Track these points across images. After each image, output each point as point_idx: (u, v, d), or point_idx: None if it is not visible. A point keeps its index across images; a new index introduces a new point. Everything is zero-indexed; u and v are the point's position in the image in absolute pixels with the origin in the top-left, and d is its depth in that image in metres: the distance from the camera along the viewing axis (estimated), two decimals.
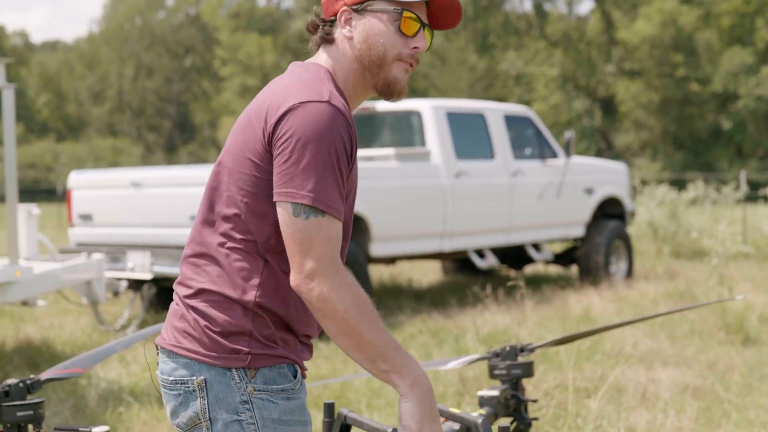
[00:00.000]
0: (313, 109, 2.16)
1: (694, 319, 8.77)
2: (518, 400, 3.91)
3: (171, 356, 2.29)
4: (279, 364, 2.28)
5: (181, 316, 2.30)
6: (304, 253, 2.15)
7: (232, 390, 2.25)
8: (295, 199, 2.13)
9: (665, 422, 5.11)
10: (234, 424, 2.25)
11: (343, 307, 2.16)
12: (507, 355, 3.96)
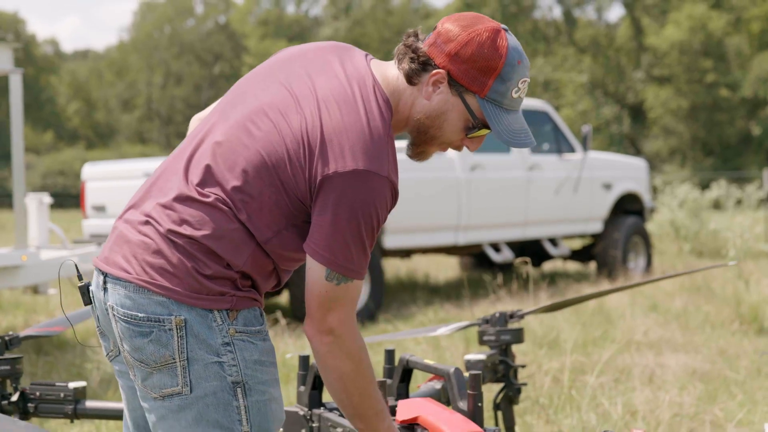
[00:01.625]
0: (371, 184, 2.17)
1: (709, 311, 8.67)
2: (507, 366, 3.89)
3: (141, 292, 2.23)
4: (254, 306, 2.30)
5: (156, 252, 2.23)
6: (327, 311, 2.23)
7: (214, 332, 2.23)
8: (332, 267, 2.20)
9: (665, 398, 5.03)
10: (214, 365, 2.23)
11: (345, 370, 2.26)
12: (496, 322, 3.93)
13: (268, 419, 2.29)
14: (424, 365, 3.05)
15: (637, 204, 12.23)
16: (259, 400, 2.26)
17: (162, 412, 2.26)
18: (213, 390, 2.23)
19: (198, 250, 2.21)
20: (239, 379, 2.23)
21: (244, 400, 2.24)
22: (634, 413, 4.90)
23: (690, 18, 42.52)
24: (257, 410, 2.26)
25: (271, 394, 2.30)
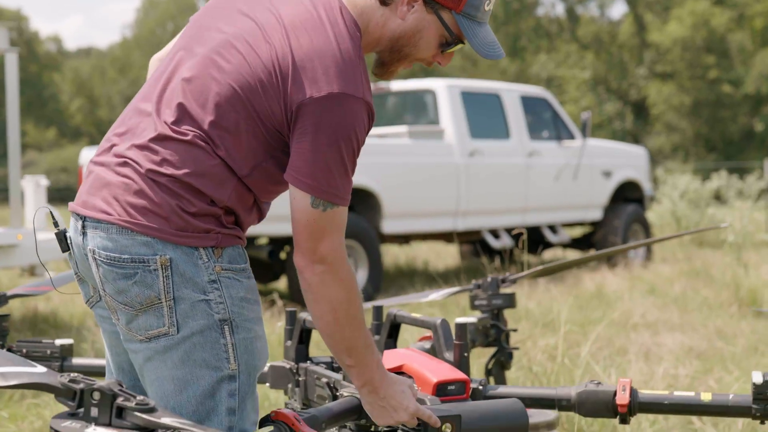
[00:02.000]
0: (348, 106, 2.16)
1: (707, 295, 8.65)
2: (499, 330, 3.87)
3: (124, 233, 2.20)
4: (237, 244, 2.29)
5: (137, 192, 2.19)
6: (317, 240, 2.20)
7: (200, 269, 2.21)
8: (316, 193, 2.17)
9: (659, 370, 5.01)
10: (201, 303, 2.20)
11: (336, 298, 2.23)
12: (488, 287, 3.92)
13: (255, 356, 2.27)
14: (411, 319, 3.03)
15: (637, 192, 12.20)
16: (245, 338, 2.25)
17: (148, 353, 2.23)
18: (200, 328, 2.20)
19: (181, 188, 2.19)
20: (226, 316, 2.21)
21: (231, 337, 2.23)
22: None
23: (693, 14, 42.47)
24: (244, 348, 2.24)
25: (257, 332, 2.29)
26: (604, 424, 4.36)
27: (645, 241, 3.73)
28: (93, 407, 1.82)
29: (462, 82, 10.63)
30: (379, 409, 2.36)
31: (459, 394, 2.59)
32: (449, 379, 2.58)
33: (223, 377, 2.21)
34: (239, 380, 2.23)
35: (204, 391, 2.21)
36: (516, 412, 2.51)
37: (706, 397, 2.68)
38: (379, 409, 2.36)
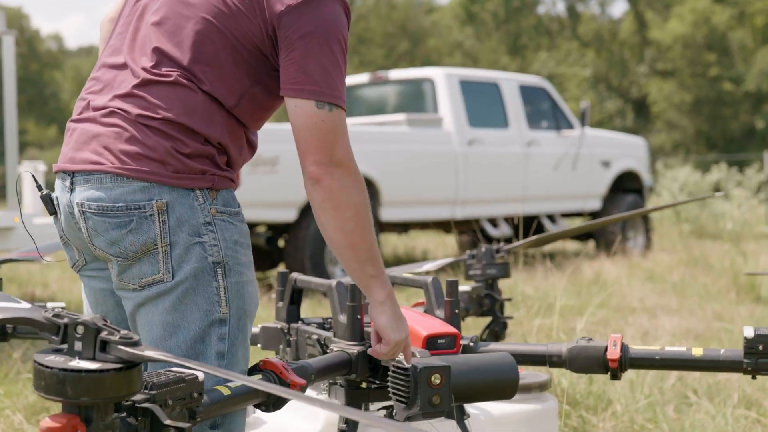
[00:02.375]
0: (326, 7, 2.16)
1: (706, 282, 8.63)
2: (493, 300, 3.86)
3: (118, 181, 2.18)
4: (230, 188, 2.28)
5: (129, 139, 2.18)
6: (331, 143, 2.18)
7: (196, 211, 2.20)
8: (318, 97, 2.16)
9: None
10: (196, 246, 2.19)
11: (358, 201, 2.21)
12: (483, 257, 3.91)
13: (246, 301, 2.26)
14: (402, 279, 3.02)
15: (636, 182, 12.19)
16: (237, 281, 2.24)
17: (138, 300, 2.22)
18: (193, 272, 2.19)
19: (173, 129, 2.18)
20: (220, 259, 2.20)
21: (223, 281, 2.22)
22: None
23: (693, 12, 42.44)
24: (236, 291, 2.24)
25: (248, 276, 2.28)
26: (600, 397, 4.35)
27: (640, 210, 3.72)
28: (77, 341, 1.81)
29: (461, 71, 10.62)
30: (398, 321, 2.34)
31: (449, 348, 2.58)
32: (439, 332, 2.57)
33: (213, 321, 2.20)
34: (230, 324, 2.22)
35: (194, 335, 2.20)
36: (507, 365, 2.50)
37: (698, 352, 2.67)
38: (398, 322, 2.34)
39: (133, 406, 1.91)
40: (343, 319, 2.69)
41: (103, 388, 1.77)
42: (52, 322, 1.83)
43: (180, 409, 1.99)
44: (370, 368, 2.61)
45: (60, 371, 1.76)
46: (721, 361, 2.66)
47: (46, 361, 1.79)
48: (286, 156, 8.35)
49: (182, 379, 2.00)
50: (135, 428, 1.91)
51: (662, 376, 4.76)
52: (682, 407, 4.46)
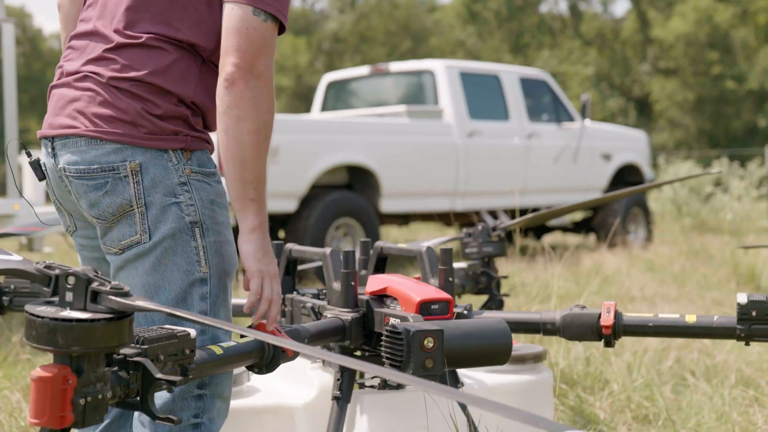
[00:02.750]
0: None
1: (707, 272, 8.63)
2: (489, 277, 3.87)
3: (92, 144, 2.22)
4: (206, 149, 2.30)
5: (102, 102, 2.22)
6: (257, 54, 2.17)
7: (170, 172, 2.22)
8: (257, 4, 2.17)
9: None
10: (172, 206, 2.21)
11: (263, 118, 2.19)
12: (479, 235, 3.92)
13: (225, 260, 2.28)
14: (397, 249, 3.03)
15: (637, 176, 12.18)
16: (216, 241, 2.26)
17: (119, 263, 2.25)
18: (171, 232, 2.21)
19: (145, 90, 2.21)
20: (197, 218, 2.23)
21: (202, 240, 2.24)
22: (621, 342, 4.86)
23: (696, 10, 42.41)
24: (215, 250, 2.25)
25: (227, 236, 2.29)
26: (597, 378, 4.36)
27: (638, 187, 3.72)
28: (68, 292, 1.82)
29: (461, 63, 10.62)
30: (265, 253, 2.27)
31: (443, 314, 2.59)
32: (433, 298, 2.58)
33: (194, 280, 2.22)
34: (210, 283, 2.24)
35: (176, 295, 2.22)
36: (500, 330, 2.50)
37: (691, 318, 2.67)
38: (265, 253, 2.27)
39: (124, 359, 1.92)
40: (336, 287, 2.70)
41: (93, 338, 1.78)
42: (43, 273, 1.84)
43: (172, 365, 2.00)
44: (364, 335, 2.62)
45: (51, 320, 1.76)
46: (714, 327, 2.66)
47: (37, 311, 1.79)
48: (287, 147, 8.36)
49: (174, 335, 2.00)
50: (126, 382, 1.92)
51: (660, 358, 4.76)
52: (680, 388, 4.46)
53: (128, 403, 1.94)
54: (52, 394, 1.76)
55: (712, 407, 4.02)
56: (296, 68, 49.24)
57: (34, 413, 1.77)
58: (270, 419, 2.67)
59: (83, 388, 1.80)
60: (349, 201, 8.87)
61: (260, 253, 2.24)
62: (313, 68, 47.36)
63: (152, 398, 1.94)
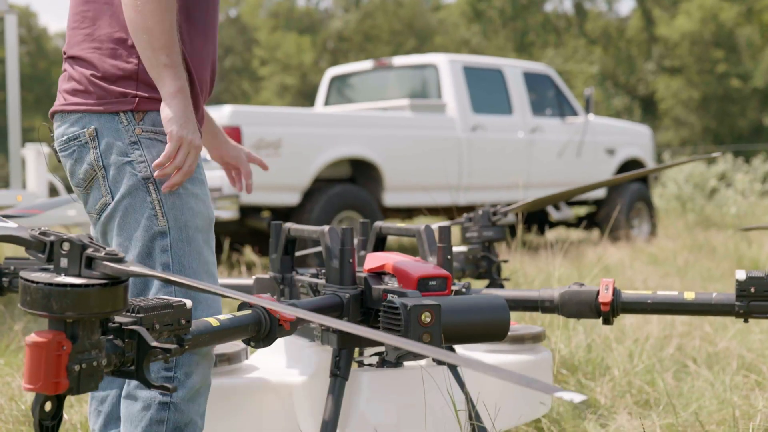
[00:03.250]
0: None
1: (710, 265, 8.61)
2: (490, 261, 3.86)
3: (62, 117, 2.40)
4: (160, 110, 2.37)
5: (68, 78, 2.40)
6: None
7: (121, 134, 2.33)
8: None
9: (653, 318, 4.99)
10: (125, 165, 2.32)
11: None
12: (479, 219, 3.91)
13: (186, 212, 2.34)
14: (396, 229, 3.03)
15: None
16: (173, 193, 2.33)
17: (99, 229, 2.40)
18: (128, 190, 2.32)
19: (92, 53, 2.34)
20: (149, 174, 2.31)
21: (156, 194, 2.32)
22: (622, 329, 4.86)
23: (701, 8, 42.35)
24: (171, 203, 2.32)
25: (189, 190, 2.35)
26: (597, 364, 4.35)
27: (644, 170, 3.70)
28: (63, 258, 1.82)
29: (464, 57, 10.62)
30: (188, 120, 2.29)
31: (441, 290, 2.58)
32: (431, 274, 2.57)
33: (154, 234, 2.30)
34: (170, 236, 2.31)
35: (141, 251, 2.31)
36: (497, 306, 2.50)
37: (689, 296, 2.67)
38: (186, 119, 2.29)
39: (119, 328, 1.92)
40: (335, 264, 2.70)
41: (88, 304, 1.78)
42: (39, 239, 1.84)
43: (168, 335, 2.00)
44: (362, 312, 2.62)
45: (45, 286, 1.77)
46: (713, 304, 2.65)
47: (32, 277, 1.80)
48: (289, 139, 8.36)
49: (170, 304, 2.01)
50: (122, 350, 1.92)
51: (662, 346, 4.75)
52: (681, 375, 4.45)
53: (123, 372, 1.94)
54: (46, 359, 1.77)
55: (714, 393, 4.01)
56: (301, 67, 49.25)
57: (29, 379, 1.77)
58: (268, 397, 2.66)
59: (78, 354, 1.80)
60: (352, 194, 8.87)
61: (182, 118, 2.27)
62: (317, 67, 47.31)
63: (147, 367, 1.94)
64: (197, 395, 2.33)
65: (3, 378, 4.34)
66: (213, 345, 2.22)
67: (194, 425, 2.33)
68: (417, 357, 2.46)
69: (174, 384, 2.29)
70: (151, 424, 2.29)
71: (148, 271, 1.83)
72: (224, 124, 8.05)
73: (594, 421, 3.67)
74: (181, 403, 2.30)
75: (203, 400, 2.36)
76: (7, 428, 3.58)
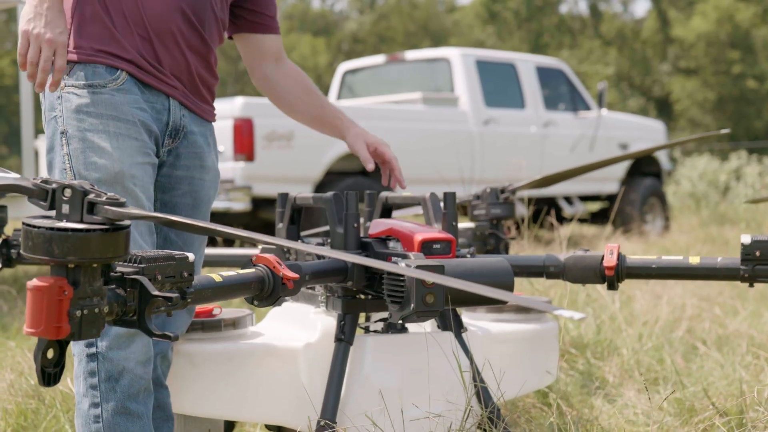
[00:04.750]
0: None
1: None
2: (498, 239, 3.85)
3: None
4: (97, 62, 2.43)
5: None
6: None
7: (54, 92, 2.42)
8: None
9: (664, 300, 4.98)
10: (52, 121, 2.43)
11: None
12: (487, 197, 3.91)
13: (86, 166, 2.38)
14: (401, 198, 3.03)
15: (655, 166, 12.12)
16: (77, 148, 2.38)
17: None
18: (51, 145, 2.42)
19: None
20: (63, 128, 2.39)
21: (67, 147, 2.39)
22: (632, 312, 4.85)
23: (717, 9, 42.19)
24: (76, 157, 2.38)
25: (96, 143, 2.38)
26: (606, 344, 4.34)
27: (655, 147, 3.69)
28: (64, 204, 1.83)
29: (477, 51, 10.62)
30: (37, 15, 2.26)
31: (445, 253, 2.58)
32: (435, 237, 2.58)
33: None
34: None
35: None
36: (501, 269, 2.50)
37: (695, 260, 2.66)
38: (37, 15, 2.26)
39: (122, 277, 1.93)
40: (339, 230, 2.71)
41: (89, 248, 1.79)
42: (41, 187, 1.86)
43: (170, 287, 2.01)
44: (367, 277, 2.62)
45: (47, 230, 1.78)
46: (718, 268, 2.65)
47: (34, 222, 1.81)
48: (301, 132, 8.36)
49: (172, 256, 2.01)
50: (124, 299, 1.93)
51: (672, 328, 4.74)
52: (691, 356, 4.44)
53: (125, 321, 1.95)
54: (48, 304, 1.78)
55: (723, 373, 4.00)
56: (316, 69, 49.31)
57: (30, 323, 1.79)
58: (272, 361, 2.67)
59: (80, 300, 1.82)
60: (364, 187, 8.87)
61: (31, 13, 2.26)
62: (332, 69, 47.27)
63: (149, 316, 1.94)
64: (128, 343, 2.35)
65: (14, 358, 4.36)
66: (215, 301, 2.22)
67: (129, 373, 2.36)
68: (420, 319, 2.47)
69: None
70: (86, 376, 2.36)
71: (149, 214, 1.84)
72: (236, 115, 8.08)
73: (602, 397, 3.67)
74: (107, 351, 2.34)
75: (138, 348, 2.37)
76: (17, 401, 3.60)
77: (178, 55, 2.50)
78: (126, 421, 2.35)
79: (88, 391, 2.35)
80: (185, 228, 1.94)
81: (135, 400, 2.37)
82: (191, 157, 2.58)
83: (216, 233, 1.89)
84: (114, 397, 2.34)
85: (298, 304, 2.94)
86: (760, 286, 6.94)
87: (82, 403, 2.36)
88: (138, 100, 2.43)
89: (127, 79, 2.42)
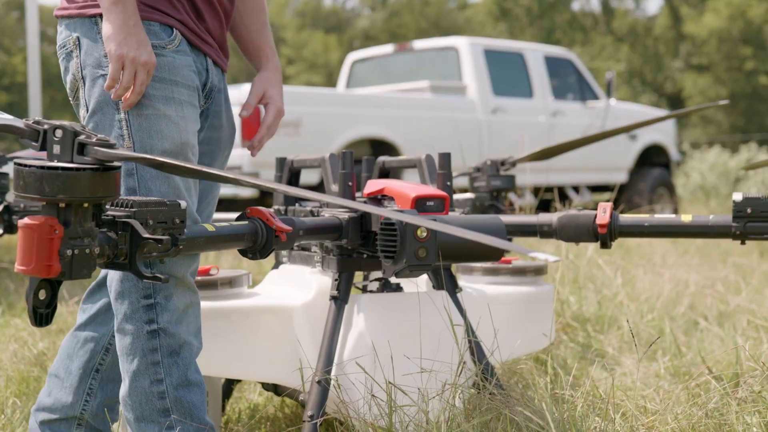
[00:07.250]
0: None
1: (730, 246, 8.56)
2: (497, 210, 3.88)
3: (59, 23, 2.33)
4: (151, 20, 2.27)
5: None
6: None
7: (98, 44, 2.23)
8: None
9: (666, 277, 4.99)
10: (99, 79, 2.23)
11: None
12: (488, 169, 3.93)
13: (153, 135, 2.24)
14: (398, 161, 3.05)
15: (663, 156, 12.10)
16: (141, 113, 2.22)
17: None
18: (98, 106, 2.24)
19: None
20: None
21: (125, 113, 2.22)
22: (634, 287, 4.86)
23: (729, 5, 42.06)
24: (138, 125, 2.22)
25: (160, 111, 2.24)
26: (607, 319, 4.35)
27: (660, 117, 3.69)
28: (56, 144, 1.86)
29: (485, 41, 10.63)
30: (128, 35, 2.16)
31: (438, 210, 2.60)
32: (428, 194, 2.60)
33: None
34: None
35: None
36: (494, 225, 2.52)
37: (687, 218, 2.67)
38: (128, 35, 2.16)
39: (113, 220, 1.96)
40: (335, 189, 2.73)
41: (79, 187, 1.82)
42: (33, 128, 1.88)
43: (162, 232, 2.03)
44: (362, 236, 2.64)
45: (38, 169, 1.81)
46: (710, 226, 2.66)
47: (26, 161, 1.84)
48: (309, 118, 8.40)
49: (163, 202, 2.04)
50: (115, 242, 1.95)
51: (674, 304, 4.75)
52: (692, 332, 4.45)
53: (117, 264, 1.98)
54: (38, 242, 1.81)
55: (722, 346, 4.01)
56: (327, 66, 49.33)
57: (21, 260, 1.82)
58: (268, 319, 2.70)
59: (70, 240, 1.84)
60: None
61: (121, 34, 2.15)
62: None
63: (140, 258, 1.97)
64: (184, 316, 2.28)
65: (18, 333, 4.40)
66: (207, 250, 2.24)
67: (189, 346, 2.29)
68: (413, 274, 2.49)
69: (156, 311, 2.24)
70: (145, 354, 2.24)
71: (139, 155, 1.86)
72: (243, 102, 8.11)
73: (601, 367, 3.68)
74: (169, 326, 2.25)
75: (193, 320, 2.31)
76: (19, 369, 3.64)
77: (215, 12, 2.41)
78: (188, 393, 2.26)
79: (148, 369, 2.24)
80: (180, 172, 1.95)
81: (194, 369, 2.29)
82: (213, 116, 2.49)
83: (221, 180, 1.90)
84: (176, 371, 2.25)
85: (295, 266, 2.96)
86: (765, 266, 6.95)
87: (139, 381, 2.25)
88: (191, 63, 2.32)
89: (182, 39, 2.30)
